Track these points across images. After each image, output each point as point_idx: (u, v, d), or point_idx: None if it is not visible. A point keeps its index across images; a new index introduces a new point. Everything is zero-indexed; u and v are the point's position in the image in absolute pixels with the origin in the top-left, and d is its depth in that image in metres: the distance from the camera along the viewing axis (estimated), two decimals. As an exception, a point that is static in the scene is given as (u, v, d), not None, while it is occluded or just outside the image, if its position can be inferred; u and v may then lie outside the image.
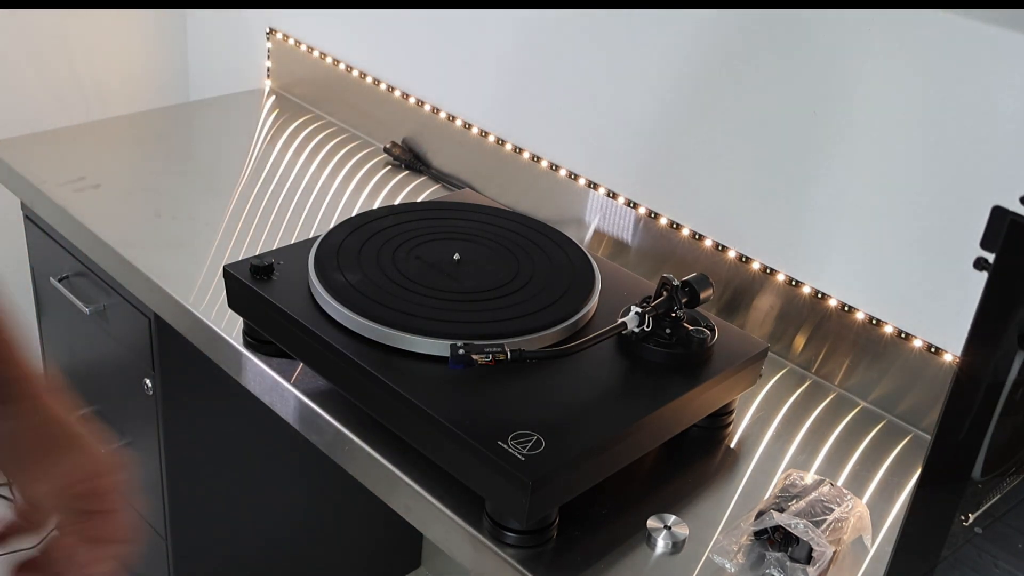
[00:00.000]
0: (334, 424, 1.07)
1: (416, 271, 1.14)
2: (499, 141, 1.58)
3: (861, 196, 1.18)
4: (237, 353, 1.19)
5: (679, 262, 1.37)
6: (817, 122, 1.20)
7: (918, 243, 1.15)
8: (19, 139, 1.64)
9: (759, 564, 0.94)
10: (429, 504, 0.98)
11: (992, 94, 1.05)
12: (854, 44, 1.14)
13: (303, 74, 1.89)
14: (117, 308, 1.46)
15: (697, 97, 1.31)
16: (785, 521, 0.93)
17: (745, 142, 1.27)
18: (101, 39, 2.11)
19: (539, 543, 0.95)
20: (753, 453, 1.12)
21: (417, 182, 1.65)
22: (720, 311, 1.33)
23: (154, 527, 1.58)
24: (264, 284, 1.12)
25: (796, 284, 1.27)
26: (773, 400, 1.22)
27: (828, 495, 0.99)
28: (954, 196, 1.10)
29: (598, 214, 1.47)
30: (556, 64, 1.46)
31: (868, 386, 1.23)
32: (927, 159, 1.12)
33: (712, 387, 1.06)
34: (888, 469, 1.12)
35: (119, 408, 1.58)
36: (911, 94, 1.11)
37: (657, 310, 1.05)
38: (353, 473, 1.08)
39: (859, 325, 1.22)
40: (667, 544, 0.97)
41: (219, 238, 1.41)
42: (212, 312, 1.24)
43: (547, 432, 0.93)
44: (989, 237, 0.67)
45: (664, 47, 1.32)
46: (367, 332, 1.04)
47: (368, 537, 1.93)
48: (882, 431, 1.19)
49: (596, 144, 1.45)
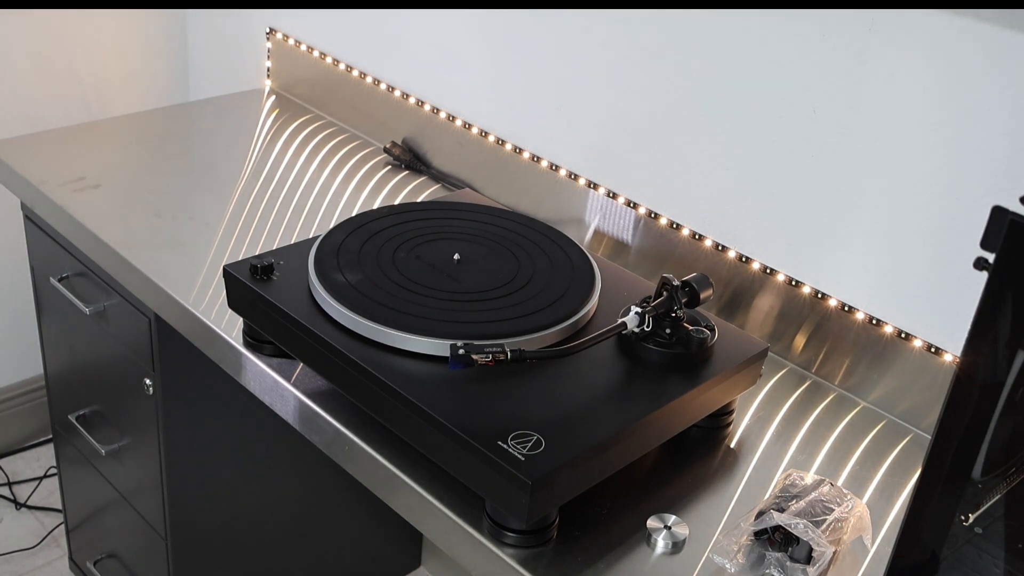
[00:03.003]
0: (334, 424, 1.07)
1: (416, 271, 1.14)
2: (499, 141, 1.58)
3: (861, 196, 1.18)
4: (237, 353, 1.19)
5: (679, 262, 1.37)
6: (817, 122, 1.20)
7: (918, 243, 1.15)
8: (19, 139, 1.64)
9: (759, 564, 0.94)
10: (429, 504, 0.99)
11: (992, 94, 1.05)
12: (854, 44, 1.14)
13: (303, 74, 1.89)
14: (117, 308, 1.46)
15: (697, 97, 1.31)
16: (785, 521, 0.93)
17: (745, 142, 1.27)
18: (101, 39, 2.11)
19: (539, 543, 0.95)
20: (753, 453, 1.12)
21: (417, 182, 1.65)
22: (720, 311, 1.33)
23: (154, 527, 1.58)
24: (264, 284, 1.12)
25: (796, 284, 1.27)
26: (773, 400, 1.22)
27: (828, 495, 0.98)
28: (954, 196, 1.10)
29: (598, 214, 1.47)
30: (556, 64, 1.46)
31: (868, 386, 1.23)
32: (927, 159, 1.12)
33: (712, 387, 1.06)
34: (888, 469, 1.12)
35: (119, 408, 1.58)
36: (911, 94, 1.11)
37: (657, 310, 1.05)
38: (353, 473, 1.08)
39: (859, 325, 1.22)
40: (667, 544, 0.97)
41: (219, 238, 1.41)
42: (212, 312, 1.24)
43: (547, 432, 0.93)
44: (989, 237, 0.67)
45: (664, 47, 1.32)
46: (367, 332, 1.04)
47: (368, 537, 1.94)
48: (882, 431, 1.19)
49: (596, 144, 1.45)
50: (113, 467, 1.64)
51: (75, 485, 1.81)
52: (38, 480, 2.23)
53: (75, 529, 1.89)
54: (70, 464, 1.79)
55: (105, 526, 1.77)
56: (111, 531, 1.75)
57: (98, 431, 1.64)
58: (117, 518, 1.70)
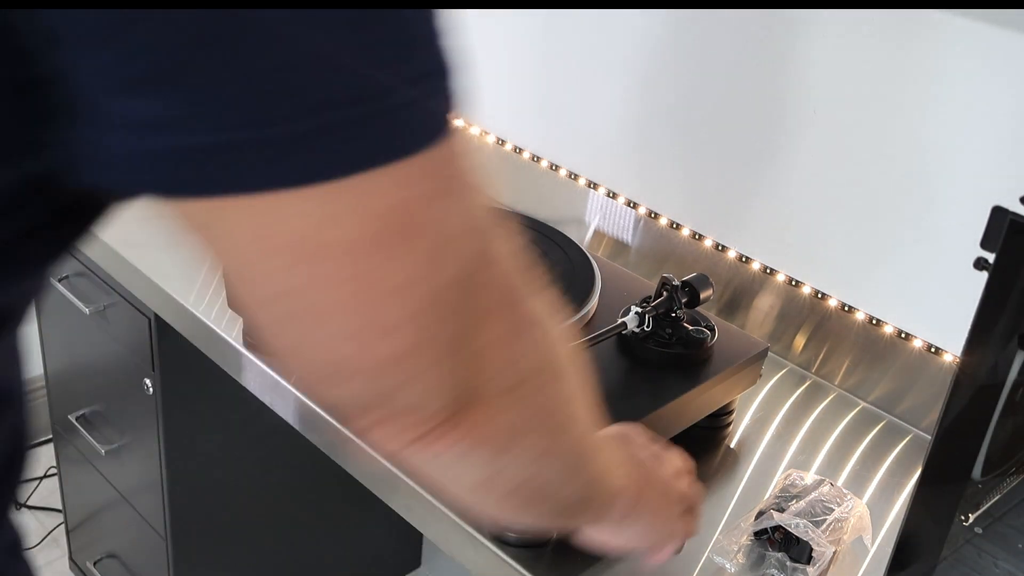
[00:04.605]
0: (334, 424, 1.07)
1: (416, 271, 1.14)
2: (499, 141, 1.58)
3: (861, 195, 1.18)
4: (237, 353, 1.19)
5: (679, 262, 1.37)
6: (817, 122, 1.20)
7: (918, 243, 1.15)
8: (19, 139, 1.64)
9: (759, 564, 0.94)
10: (429, 504, 0.98)
11: (992, 94, 1.04)
12: (854, 44, 1.14)
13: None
14: (117, 308, 1.46)
15: (697, 97, 1.31)
16: (785, 521, 0.93)
17: (745, 142, 1.27)
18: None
19: (539, 543, 0.95)
20: (753, 453, 1.12)
21: (417, 182, 1.65)
22: (720, 311, 1.33)
23: (154, 527, 1.58)
24: (264, 284, 1.12)
25: (796, 284, 1.27)
26: (773, 400, 1.22)
27: (828, 495, 0.98)
28: (954, 196, 1.10)
29: (598, 214, 1.47)
30: (556, 64, 1.46)
31: (868, 386, 1.23)
32: (927, 159, 1.11)
33: (712, 387, 1.05)
34: (888, 469, 1.12)
35: (119, 408, 1.58)
36: (911, 94, 1.11)
37: (657, 310, 1.05)
38: (353, 473, 1.08)
39: (859, 325, 1.22)
40: (667, 544, 0.97)
41: (219, 238, 1.40)
42: (212, 312, 1.24)
43: (547, 432, 0.93)
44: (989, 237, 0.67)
45: (664, 47, 1.32)
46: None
47: (368, 537, 1.93)
48: (882, 431, 1.19)
49: (596, 144, 1.45)
50: (113, 467, 1.64)
51: (75, 485, 1.81)
52: (38, 480, 2.23)
53: (75, 529, 1.89)
54: (70, 464, 1.79)
55: (105, 526, 1.76)
56: (111, 531, 1.75)
57: (98, 431, 1.64)
58: (117, 518, 1.69)
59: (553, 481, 0.62)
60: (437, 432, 0.50)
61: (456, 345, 0.48)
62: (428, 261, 0.45)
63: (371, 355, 0.46)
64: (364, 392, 0.48)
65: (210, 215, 0.42)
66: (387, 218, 0.43)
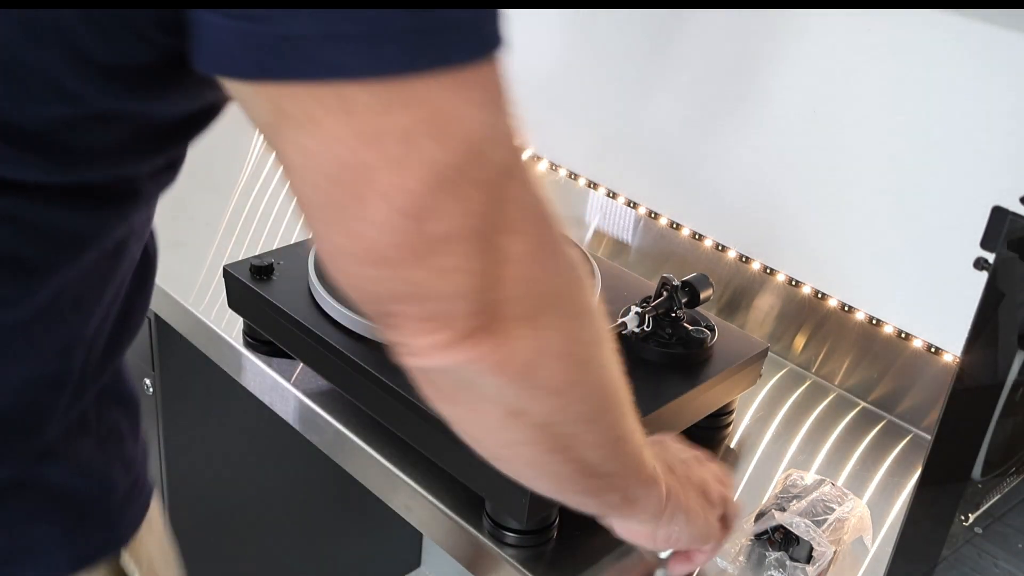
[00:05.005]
0: (334, 424, 1.07)
1: (416, 271, 1.14)
2: (499, 141, 1.58)
3: (861, 195, 1.18)
4: (237, 353, 1.19)
5: (679, 262, 1.37)
6: (817, 122, 1.19)
7: (918, 243, 1.15)
8: (19, 139, 1.64)
9: (759, 564, 0.94)
10: (429, 504, 0.98)
11: (991, 94, 1.04)
12: (854, 44, 1.14)
13: (303, 74, 1.89)
14: (117, 308, 1.46)
15: (697, 97, 1.31)
16: (786, 520, 0.93)
17: (745, 142, 1.27)
18: (101, 39, 2.10)
19: (539, 543, 0.95)
20: (753, 453, 1.12)
21: (417, 182, 1.65)
22: (720, 311, 1.33)
23: (154, 527, 1.58)
24: (264, 284, 1.12)
25: (796, 284, 1.27)
26: (773, 400, 1.22)
27: (829, 495, 0.99)
28: (954, 196, 1.10)
29: (598, 214, 1.47)
30: (556, 64, 1.46)
31: (868, 386, 1.23)
32: (927, 159, 1.11)
33: (712, 387, 1.05)
34: (888, 469, 1.12)
35: (119, 408, 1.58)
36: (911, 94, 1.11)
37: (657, 310, 1.05)
38: (353, 473, 1.08)
39: (859, 325, 1.22)
40: (667, 544, 0.97)
41: (219, 238, 1.41)
42: (212, 312, 1.24)
43: (547, 432, 0.93)
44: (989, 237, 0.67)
45: (663, 47, 1.32)
46: (367, 332, 1.04)
47: (368, 537, 1.93)
48: (882, 431, 1.19)
49: (596, 144, 1.45)
50: (113, 467, 1.64)
51: (75, 485, 1.81)
52: (38, 480, 2.23)
53: (75, 529, 1.89)
54: (70, 464, 1.79)
55: (105, 526, 1.76)
56: (111, 531, 1.75)
57: (98, 431, 1.64)
58: (117, 518, 1.69)
59: (579, 434, 0.62)
60: (459, 341, 0.54)
61: (487, 245, 0.53)
62: (468, 154, 0.52)
63: (418, 234, 0.51)
64: (402, 279, 0.53)
65: (294, 101, 0.50)
66: (438, 114, 0.51)
